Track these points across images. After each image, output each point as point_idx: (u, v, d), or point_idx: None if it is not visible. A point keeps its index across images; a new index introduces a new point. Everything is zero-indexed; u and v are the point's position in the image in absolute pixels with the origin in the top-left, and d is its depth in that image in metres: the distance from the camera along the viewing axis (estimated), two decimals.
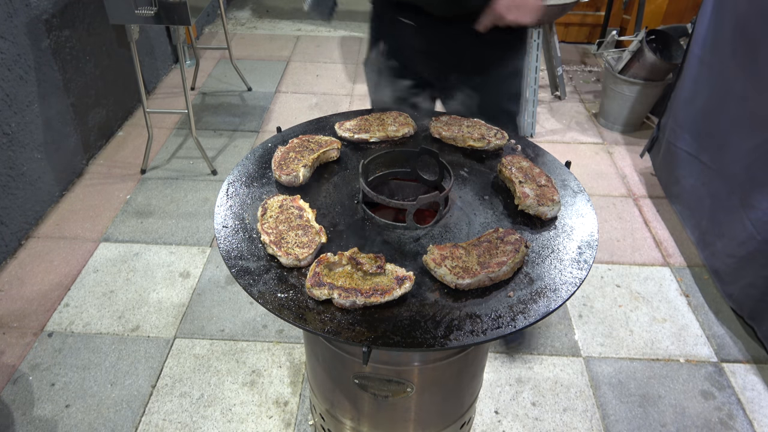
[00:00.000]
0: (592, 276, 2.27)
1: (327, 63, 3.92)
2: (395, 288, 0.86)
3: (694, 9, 3.44)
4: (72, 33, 2.59)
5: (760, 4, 1.93)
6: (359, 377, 1.10)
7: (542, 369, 1.91)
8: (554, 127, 3.28)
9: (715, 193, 2.19)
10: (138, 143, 2.95)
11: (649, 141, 2.81)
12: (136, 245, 2.33)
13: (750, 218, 1.94)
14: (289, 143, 1.19)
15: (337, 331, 0.83)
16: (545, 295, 0.89)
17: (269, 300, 0.87)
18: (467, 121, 1.30)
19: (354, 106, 3.41)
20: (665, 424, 1.75)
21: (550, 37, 3.27)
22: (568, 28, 4.23)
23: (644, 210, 2.65)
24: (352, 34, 4.40)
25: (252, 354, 1.92)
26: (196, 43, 3.67)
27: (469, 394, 1.30)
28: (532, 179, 1.10)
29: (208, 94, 3.50)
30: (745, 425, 1.75)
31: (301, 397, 1.79)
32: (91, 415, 1.71)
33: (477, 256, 0.92)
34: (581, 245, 1.00)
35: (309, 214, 1.01)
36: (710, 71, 2.27)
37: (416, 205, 0.98)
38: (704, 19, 2.28)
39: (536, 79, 3.13)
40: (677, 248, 2.43)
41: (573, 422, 1.75)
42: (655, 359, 1.95)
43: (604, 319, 2.09)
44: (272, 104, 3.41)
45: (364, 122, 1.30)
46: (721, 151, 2.17)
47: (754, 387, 1.87)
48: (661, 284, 2.25)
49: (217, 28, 4.35)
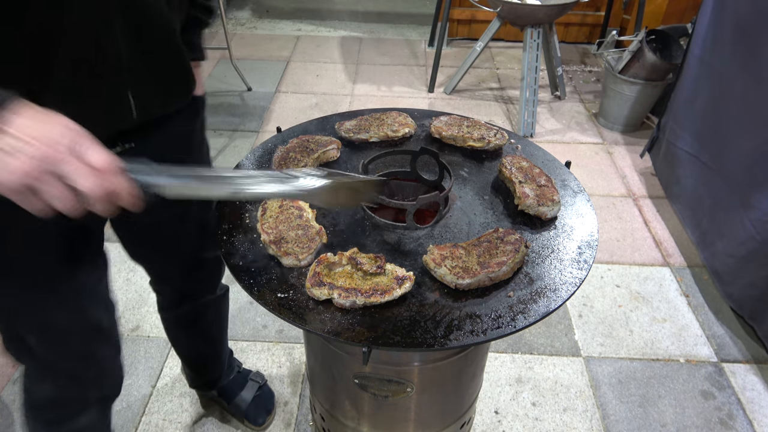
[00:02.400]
0: (592, 276, 2.27)
1: (327, 63, 3.92)
2: (395, 288, 0.86)
3: (694, 9, 3.44)
4: None
5: (760, 4, 1.93)
6: (359, 377, 1.10)
7: (542, 369, 1.91)
8: (554, 127, 3.28)
9: (716, 193, 2.19)
10: None
11: (649, 141, 2.81)
12: None
13: (750, 218, 1.94)
14: (289, 143, 1.19)
15: (337, 331, 0.83)
16: (545, 295, 0.89)
17: (269, 300, 0.87)
18: (467, 121, 1.30)
19: (354, 106, 3.41)
20: (665, 424, 1.75)
21: (550, 37, 3.27)
22: (568, 28, 4.23)
23: (644, 210, 2.65)
24: (352, 34, 4.40)
25: (252, 354, 1.92)
26: None
27: (469, 394, 1.30)
28: (532, 179, 1.10)
29: (208, 94, 3.48)
30: (745, 425, 1.75)
31: (301, 397, 1.79)
32: None
33: (477, 256, 0.92)
34: (581, 245, 1.00)
35: (309, 214, 1.01)
36: (710, 71, 2.27)
37: (416, 205, 0.98)
38: (704, 19, 2.28)
39: (536, 79, 3.13)
40: (677, 248, 2.43)
41: (573, 422, 1.75)
42: (655, 359, 1.95)
43: (604, 319, 2.09)
44: (272, 104, 3.41)
45: (364, 122, 1.30)
46: (722, 151, 2.17)
47: (754, 387, 1.87)
48: (661, 284, 2.25)
49: (217, 28, 4.34)
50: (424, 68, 3.89)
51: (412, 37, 4.39)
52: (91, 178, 0.64)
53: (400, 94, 3.57)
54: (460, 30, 4.30)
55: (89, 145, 0.65)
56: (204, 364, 1.63)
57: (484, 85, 3.72)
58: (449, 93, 3.58)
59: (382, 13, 4.81)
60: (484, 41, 3.28)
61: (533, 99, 3.13)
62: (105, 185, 0.65)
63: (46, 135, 0.63)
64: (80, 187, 0.64)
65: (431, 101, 3.51)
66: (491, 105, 3.48)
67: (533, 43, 3.09)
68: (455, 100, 3.54)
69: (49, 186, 0.63)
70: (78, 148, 0.64)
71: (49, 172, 0.63)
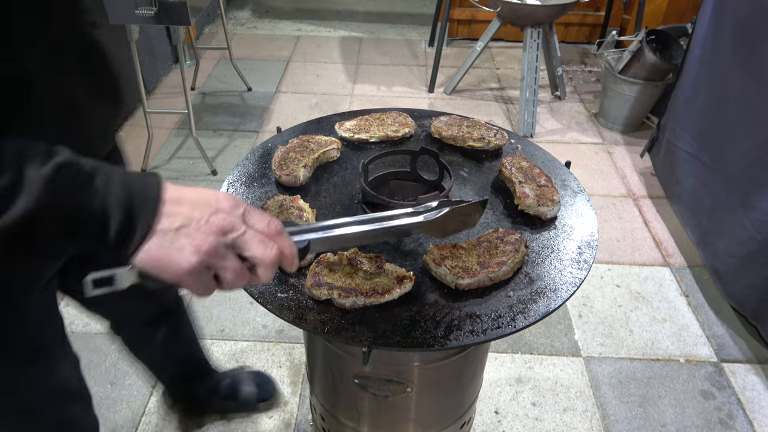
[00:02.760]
0: (592, 276, 2.27)
1: (327, 63, 3.92)
2: (395, 288, 0.86)
3: (694, 9, 3.43)
4: None
5: (760, 5, 1.93)
6: (359, 377, 1.10)
7: (542, 369, 1.91)
8: (554, 127, 3.28)
9: (716, 193, 2.19)
10: (138, 143, 2.95)
11: (649, 141, 2.81)
12: None
13: (750, 218, 1.94)
14: (289, 143, 1.19)
15: (337, 331, 0.83)
16: (545, 295, 0.89)
17: (269, 300, 0.87)
18: (467, 121, 1.30)
19: (354, 106, 3.41)
20: (665, 424, 1.75)
21: (550, 37, 3.27)
22: (568, 28, 4.23)
23: (644, 210, 2.65)
24: (352, 34, 4.40)
25: (252, 354, 1.92)
26: (196, 43, 3.67)
27: (469, 394, 1.30)
28: (532, 179, 1.10)
29: (208, 94, 3.50)
30: (745, 425, 1.75)
31: (301, 397, 1.79)
32: None
33: (477, 256, 0.92)
34: (581, 245, 1.00)
35: (309, 215, 1.01)
36: (710, 71, 2.27)
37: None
38: (704, 19, 2.28)
39: (536, 79, 3.13)
40: (677, 248, 2.43)
41: (573, 422, 1.75)
42: (655, 359, 1.95)
43: (604, 319, 2.09)
44: (272, 104, 3.41)
45: (364, 122, 1.30)
46: (722, 151, 2.17)
47: (754, 387, 1.87)
48: (661, 284, 2.25)
49: (217, 28, 4.35)
50: (424, 68, 3.89)
51: (412, 37, 4.39)
52: (263, 244, 0.60)
53: (400, 94, 3.57)
54: (460, 30, 4.30)
55: (250, 209, 0.62)
56: (192, 365, 1.59)
57: (484, 85, 3.72)
58: (449, 93, 3.58)
59: (382, 13, 4.81)
60: (484, 41, 3.28)
61: (533, 99, 3.13)
62: (276, 251, 0.61)
63: (213, 206, 0.59)
64: (256, 256, 0.60)
65: (431, 101, 3.51)
66: (491, 105, 3.48)
67: (533, 43, 3.09)
68: (455, 100, 3.54)
69: (224, 260, 0.59)
70: (245, 214, 0.61)
71: (227, 246, 0.59)
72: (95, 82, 0.85)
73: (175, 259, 0.57)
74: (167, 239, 0.57)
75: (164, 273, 0.58)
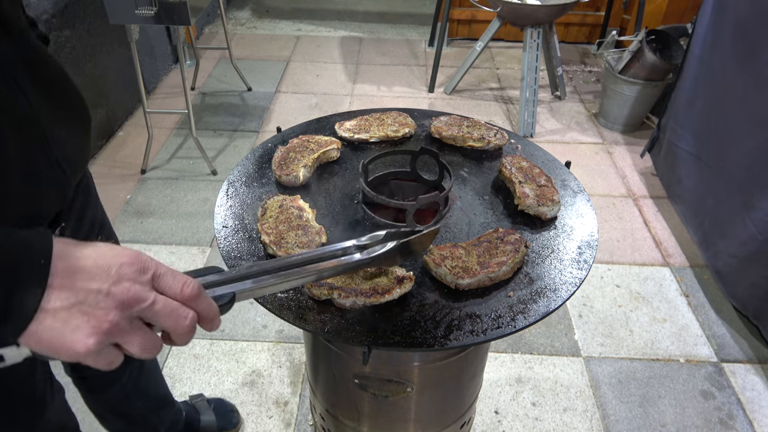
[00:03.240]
0: (592, 276, 2.27)
1: (327, 63, 3.92)
2: (395, 288, 0.86)
3: (694, 9, 3.43)
4: (72, 33, 2.59)
5: (760, 5, 1.93)
6: (359, 377, 1.10)
7: (542, 369, 1.91)
8: (554, 127, 3.28)
9: (717, 193, 2.19)
10: (138, 143, 2.95)
11: (650, 141, 2.81)
12: (137, 245, 2.33)
13: (751, 218, 1.94)
14: (289, 143, 1.19)
15: (337, 331, 0.83)
16: (545, 295, 0.89)
17: (269, 300, 0.87)
18: (467, 121, 1.30)
19: (354, 106, 3.41)
20: (665, 424, 1.75)
21: (550, 37, 3.27)
22: (568, 28, 4.23)
23: (644, 210, 2.65)
24: (352, 34, 4.40)
25: (252, 354, 1.92)
26: (196, 43, 3.67)
27: (469, 394, 1.30)
28: (532, 179, 1.10)
29: (208, 94, 3.50)
30: (745, 425, 1.75)
31: (301, 397, 1.79)
32: (91, 414, 1.71)
33: (477, 256, 0.92)
34: (581, 245, 1.00)
35: (309, 214, 1.01)
36: (710, 71, 2.27)
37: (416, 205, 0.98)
38: (704, 19, 2.28)
39: (536, 79, 3.13)
40: (677, 248, 2.43)
41: (573, 422, 1.75)
42: (655, 359, 1.95)
43: (604, 319, 2.09)
44: (272, 104, 3.41)
45: (364, 122, 1.30)
46: (722, 151, 2.17)
47: (754, 387, 1.87)
48: (661, 284, 2.25)
49: (217, 28, 4.35)
50: (424, 68, 3.89)
51: (412, 37, 4.39)
52: (175, 314, 0.52)
53: (400, 94, 3.57)
54: (460, 30, 4.30)
55: (162, 269, 0.53)
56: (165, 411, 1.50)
57: (484, 85, 3.72)
58: (449, 93, 3.58)
59: (382, 13, 4.81)
60: (484, 41, 3.28)
61: (533, 99, 3.13)
62: (191, 319, 0.53)
63: (114, 274, 0.49)
64: (167, 327, 0.53)
65: (431, 101, 3.51)
66: (491, 105, 3.48)
67: (533, 43, 3.09)
68: (455, 100, 3.54)
69: (128, 335, 0.50)
70: (154, 278, 0.52)
71: (132, 318, 0.50)
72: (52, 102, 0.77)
73: (69, 342, 0.48)
74: (59, 320, 0.48)
75: (58, 355, 0.49)
